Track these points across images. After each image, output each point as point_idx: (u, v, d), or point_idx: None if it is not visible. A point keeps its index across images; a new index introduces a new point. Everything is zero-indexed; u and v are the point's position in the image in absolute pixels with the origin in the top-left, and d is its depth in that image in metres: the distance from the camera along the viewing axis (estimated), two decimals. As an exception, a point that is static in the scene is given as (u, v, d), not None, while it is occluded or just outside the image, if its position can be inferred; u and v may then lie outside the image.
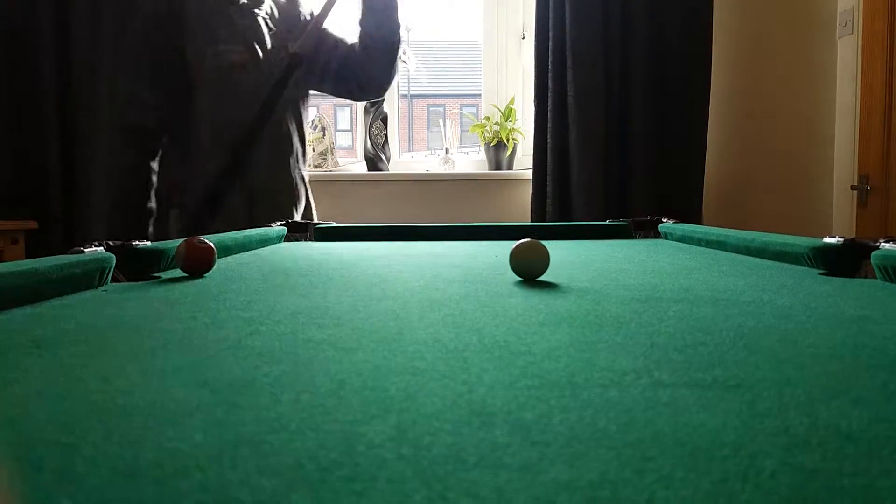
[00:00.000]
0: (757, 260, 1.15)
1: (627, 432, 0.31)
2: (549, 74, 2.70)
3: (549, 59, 2.70)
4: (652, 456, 0.28)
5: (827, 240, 1.04)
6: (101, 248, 0.96)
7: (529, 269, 0.88)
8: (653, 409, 0.34)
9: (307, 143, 2.36)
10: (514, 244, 0.90)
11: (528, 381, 0.40)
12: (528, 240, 0.90)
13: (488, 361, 0.45)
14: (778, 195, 2.93)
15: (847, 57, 2.74)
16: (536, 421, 0.33)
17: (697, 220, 2.67)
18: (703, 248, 1.41)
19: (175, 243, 1.05)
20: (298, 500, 0.24)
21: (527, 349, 0.49)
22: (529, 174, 2.81)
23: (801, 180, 2.91)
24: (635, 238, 1.80)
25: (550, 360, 0.45)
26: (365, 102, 2.50)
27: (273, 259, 1.25)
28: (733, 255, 1.25)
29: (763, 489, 0.25)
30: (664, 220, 1.81)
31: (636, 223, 1.86)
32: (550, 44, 2.69)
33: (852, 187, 2.67)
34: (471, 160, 3.01)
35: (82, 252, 0.89)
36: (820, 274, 0.96)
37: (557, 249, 1.34)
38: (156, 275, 0.99)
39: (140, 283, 0.91)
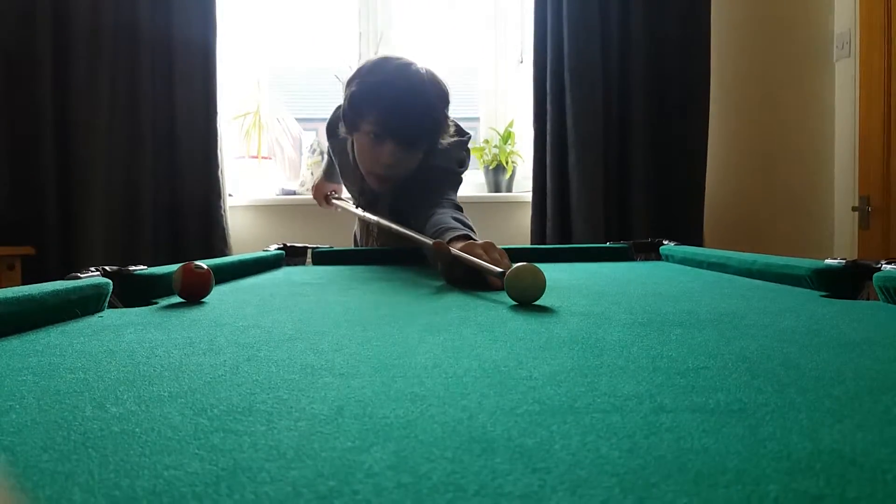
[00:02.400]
0: (759, 282, 1.15)
1: (630, 458, 0.30)
2: (548, 97, 2.72)
3: (548, 83, 2.72)
4: (654, 482, 0.28)
5: (828, 262, 1.04)
6: (98, 273, 0.96)
7: (523, 293, 0.87)
8: (655, 435, 0.34)
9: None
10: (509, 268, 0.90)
11: (528, 407, 0.39)
12: (522, 264, 0.88)
13: (488, 387, 0.44)
14: (779, 217, 2.93)
15: (845, 79, 2.77)
16: (537, 447, 0.32)
17: (699, 242, 2.67)
18: (704, 271, 1.40)
19: (172, 268, 1.04)
20: (294, 530, 0.24)
21: (527, 374, 0.48)
22: (529, 196, 2.82)
23: (802, 202, 2.92)
24: (636, 260, 1.79)
25: (551, 385, 0.45)
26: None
27: (271, 284, 1.25)
28: (735, 277, 1.25)
29: (768, 517, 0.24)
30: (665, 242, 1.81)
31: (637, 245, 1.86)
32: (549, 67, 2.71)
33: (853, 208, 2.67)
34: (470, 183, 3.01)
35: (78, 278, 0.89)
36: (822, 296, 0.95)
37: (557, 272, 1.34)
38: (153, 301, 0.99)
39: (136, 308, 0.91)
